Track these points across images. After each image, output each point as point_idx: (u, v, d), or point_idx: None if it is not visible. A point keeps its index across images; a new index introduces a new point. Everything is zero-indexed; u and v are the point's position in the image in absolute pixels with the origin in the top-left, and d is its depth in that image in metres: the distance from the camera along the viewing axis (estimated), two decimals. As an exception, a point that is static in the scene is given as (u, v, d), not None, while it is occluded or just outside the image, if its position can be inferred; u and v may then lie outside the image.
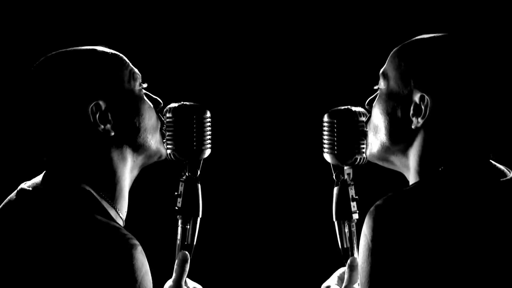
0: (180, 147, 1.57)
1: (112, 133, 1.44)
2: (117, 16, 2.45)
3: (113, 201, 1.45)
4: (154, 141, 1.51)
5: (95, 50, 1.47)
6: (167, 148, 1.57)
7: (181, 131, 1.57)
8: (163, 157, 1.56)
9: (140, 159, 1.50)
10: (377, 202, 1.33)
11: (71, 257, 1.28)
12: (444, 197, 1.31)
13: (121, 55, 1.50)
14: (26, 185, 1.43)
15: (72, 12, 2.43)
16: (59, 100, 1.41)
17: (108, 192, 1.45)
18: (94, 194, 1.41)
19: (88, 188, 1.41)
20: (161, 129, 1.54)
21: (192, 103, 1.59)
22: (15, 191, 1.43)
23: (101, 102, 1.43)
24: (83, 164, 1.43)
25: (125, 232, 1.35)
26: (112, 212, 1.44)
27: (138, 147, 1.48)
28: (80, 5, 2.44)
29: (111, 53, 1.49)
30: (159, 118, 1.54)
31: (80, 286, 1.27)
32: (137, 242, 1.34)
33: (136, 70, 1.51)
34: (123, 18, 2.46)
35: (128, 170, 1.48)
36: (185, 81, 2.47)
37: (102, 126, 1.43)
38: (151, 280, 1.35)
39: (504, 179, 1.37)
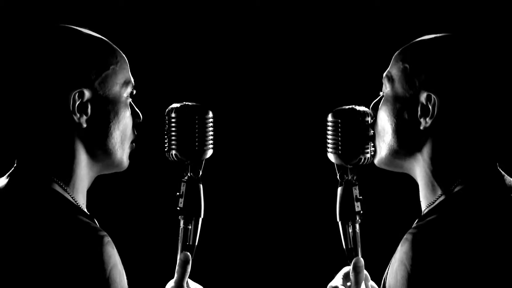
0: (182, 147, 1.56)
1: (84, 125, 1.41)
2: (117, 16, 2.45)
3: (73, 193, 1.42)
4: (120, 150, 1.48)
5: (102, 40, 1.46)
6: (169, 149, 1.57)
7: (183, 131, 1.56)
8: (123, 169, 1.52)
9: (100, 163, 1.47)
10: (411, 231, 1.33)
11: (37, 251, 1.27)
12: (480, 227, 1.31)
13: (125, 57, 1.49)
14: None
15: (73, 12, 2.43)
16: (49, 73, 1.38)
17: (69, 184, 1.42)
18: (58, 188, 1.39)
19: (53, 183, 1.39)
20: (131, 143, 1.52)
21: (194, 103, 1.59)
22: None
23: (86, 91, 1.40)
24: (50, 149, 1.40)
25: (93, 225, 1.34)
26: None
27: (103, 150, 1.45)
28: (80, 5, 2.44)
29: (117, 50, 1.47)
30: (133, 131, 1.52)
31: (48, 281, 1.26)
32: (104, 234, 1.32)
33: (132, 78, 1.49)
34: (124, 18, 2.46)
35: (88, 168, 1.45)
36: (187, 81, 2.47)
37: (78, 115, 1.40)
38: (122, 272, 1.33)
39: None
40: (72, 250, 1.27)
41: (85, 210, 1.45)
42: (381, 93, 1.52)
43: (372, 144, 1.55)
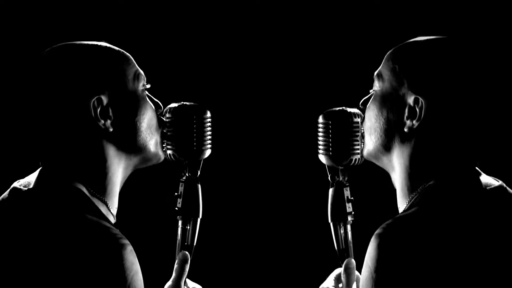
0: (180, 148, 1.57)
1: (111, 129, 1.44)
2: (116, 16, 2.45)
3: (104, 197, 1.45)
4: (153, 142, 1.51)
5: (102, 45, 1.48)
6: (167, 149, 1.57)
7: (181, 131, 1.56)
8: (160, 161, 1.56)
9: (136, 160, 1.50)
10: (377, 231, 1.32)
11: (61, 257, 1.28)
12: (442, 222, 1.30)
13: (127, 53, 1.50)
14: (18, 183, 1.42)
15: (72, 11, 2.43)
16: (61, 90, 1.41)
17: (100, 188, 1.44)
18: (86, 192, 1.41)
19: (80, 186, 1.41)
20: (161, 132, 1.55)
21: (192, 103, 1.59)
22: (8, 190, 1.42)
23: (103, 97, 1.43)
24: (78, 158, 1.42)
25: (116, 231, 1.34)
26: (103, 209, 1.44)
27: (136, 147, 1.48)
28: (79, 4, 2.44)
29: (118, 50, 1.49)
30: (159, 121, 1.54)
31: (69, 286, 1.27)
32: (127, 242, 1.33)
33: (141, 70, 1.51)
34: (123, 18, 2.46)
35: (122, 168, 1.48)
36: (186, 81, 2.47)
37: (102, 121, 1.43)
38: (141, 279, 1.34)
39: (489, 188, 1.37)
40: (95, 257, 1.28)
41: (114, 212, 1.48)
42: (371, 91, 1.52)
43: (363, 145, 1.55)
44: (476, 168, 1.43)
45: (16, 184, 1.43)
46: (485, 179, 1.40)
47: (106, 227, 1.34)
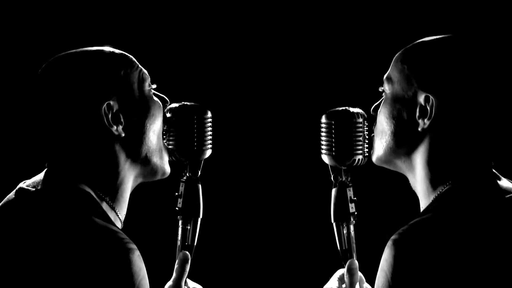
0: (181, 147, 1.57)
1: (123, 135, 1.44)
2: (116, 16, 2.45)
3: (113, 202, 1.45)
4: (162, 157, 1.52)
5: (104, 50, 1.48)
6: (169, 149, 1.57)
7: (182, 131, 1.56)
8: (166, 174, 1.55)
9: (146, 168, 1.50)
10: (394, 237, 1.32)
11: (68, 260, 1.28)
12: (460, 231, 1.29)
13: (130, 55, 1.50)
14: (25, 184, 1.42)
15: (71, 10, 2.43)
16: (70, 101, 1.41)
17: (109, 194, 1.45)
18: (94, 195, 1.41)
19: (88, 189, 1.41)
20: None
21: (193, 103, 1.59)
22: (14, 190, 1.42)
23: (112, 103, 1.43)
24: (89, 164, 1.42)
25: (123, 236, 1.34)
26: (111, 214, 1.44)
27: (147, 150, 1.48)
28: (77, 4, 2.44)
29: (120, 53, 1.49)
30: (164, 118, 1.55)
31: None
32: (134, 246, 1.33)
33: (144, 70, 1.51)
34: (123, 18, 2.46)
35: (133, 174, 1.49)
36: (186, 81, 2.47)
37: (115, 127, 1.43)
38: (148, 285, 1.34)
39: (509, 196, 1.36)
40: (102, 261, 1.28)
41: (122, 218, 1.48)
42: (380, 89, 1.51)
43: (366, 145, 1.55)
44: (494, 170, 1.42)
45: (22, 184, 1.42)
46: (503, 183, 1.40)
47: (114, 231, 1.34)
